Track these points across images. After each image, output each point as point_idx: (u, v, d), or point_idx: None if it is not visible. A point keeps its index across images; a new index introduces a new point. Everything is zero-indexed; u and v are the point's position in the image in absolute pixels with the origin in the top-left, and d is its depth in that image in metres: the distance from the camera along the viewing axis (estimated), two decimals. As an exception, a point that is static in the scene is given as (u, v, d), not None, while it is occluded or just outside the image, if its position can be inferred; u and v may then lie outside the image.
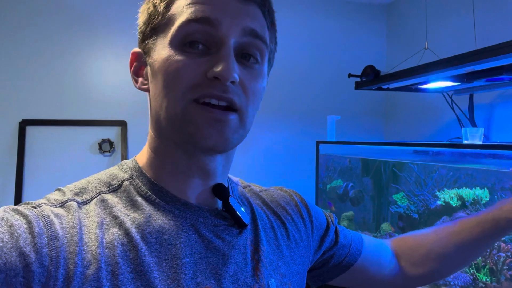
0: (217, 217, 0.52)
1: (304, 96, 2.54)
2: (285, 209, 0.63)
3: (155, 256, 0.46)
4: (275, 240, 0.57)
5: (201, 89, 0.46)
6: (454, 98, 2.03)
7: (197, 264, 0.48)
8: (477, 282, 1.19)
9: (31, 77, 2.18)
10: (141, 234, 0.46)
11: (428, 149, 1.62)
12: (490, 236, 0.71)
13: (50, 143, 2.22)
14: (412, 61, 1.90)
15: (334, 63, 2.56)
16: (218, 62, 0.45)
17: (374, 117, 2.66)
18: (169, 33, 0.48)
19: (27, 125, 2.20)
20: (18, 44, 2.15)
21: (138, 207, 0.49)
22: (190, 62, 0.46)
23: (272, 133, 2.48)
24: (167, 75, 0.47)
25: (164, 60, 0.47)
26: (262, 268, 0.52)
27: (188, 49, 0.47)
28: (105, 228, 0.45)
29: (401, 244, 0.75)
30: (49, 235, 0.42)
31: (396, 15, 2.65)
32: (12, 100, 2.17)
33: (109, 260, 0.43)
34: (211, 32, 0.46)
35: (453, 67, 1.45)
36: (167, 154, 0.51)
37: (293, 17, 2.53)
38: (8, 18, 2.14)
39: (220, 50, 0.46)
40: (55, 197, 0.47)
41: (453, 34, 2.14)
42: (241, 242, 0.52)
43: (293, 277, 0.58)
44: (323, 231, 0.67)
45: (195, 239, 0.49)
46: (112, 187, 0.50)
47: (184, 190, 0.51)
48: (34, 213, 0.43)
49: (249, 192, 0.63)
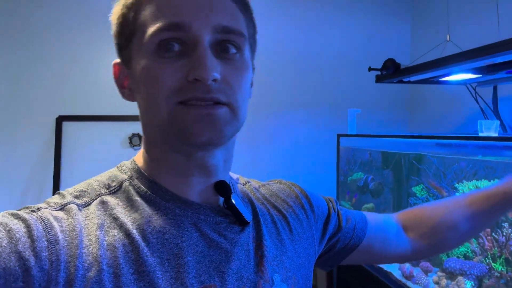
0: (218, 214, 0.52)
1: (327, 89, 2.56)
2: (286, 202, 0.63)
3: (157, 256, 0.45)
4: (278, 235, 0.57)
5: (185, 93, 0.46)
6: (478, 90, 2.01)
7: (200, 262, 0.47)
8: (493, 271, 1.20)
9: (67, 75, 2.30)
10: (142, 234, 0.46)
11: (449, 141, 1.63)
12: (500, 209, 0.73)
13: (84, 138, 2.34)
14: (435, 53, 1.89)
15: (358, 56, 2.56)
16: (195, 63, 0.45)
17: (398, 110, 2.65)
18: (143, 42, 0.47)
19: (63, 121, 2.34)
20: (56, 45, 2.29)
21: (138, 207, 0.48)
22: (169, 67, 0.46)
23: (294, 127, 2.52)
24: (148, 84, 0.47)
25: (142, 69, 0.47)
26: (266, 264, 0.52)
27: (165, 54, 0.46)
28: (105, 230, 0.45)
29: (410, 217, 0.76)
30: (49, 239, 0.41)
31: (421, 6, 2.62)
32: (49, 97, 2.30)
33: (111, 262, 0.43)
34: (184, 36, 0.46)
35: (473, 59, 1.45)
36: (164, 158, 0.51)
37: (317, 11, 2.54)
38: (44, 18, 2.28)
39: (196, 51, 0.45)
40: (54, 201, 0.47)
41: (476, 25, 2.11)
42: (243, 239, 0.52)
43: (298, 270, 0.58)
44: (326, 218, 0.67)
45: (197, 238, 0.49)
46: (111, 188, 0.50)
47: (184, 188, 0.51)
48: (33, 216, 0.43)
49: (248, 188, 0.62)
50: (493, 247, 1.22)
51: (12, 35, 2.23)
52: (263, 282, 0.50)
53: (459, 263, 1.30)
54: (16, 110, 2.26)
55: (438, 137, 1.66)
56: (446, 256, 1.39)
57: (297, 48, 2.52)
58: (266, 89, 2.45)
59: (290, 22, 2.51)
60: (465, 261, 1.31)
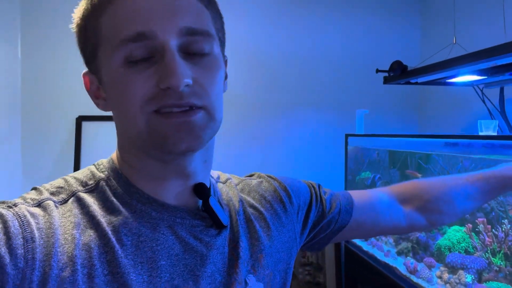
0: (195, 217, 0.51)
1: (336, 90, 2.61)
2: (264, 197, 0.62)
3: (131, 259, 0.45)
4: (254, 233, 0.57)
5: (158, 101, 0.45)
6: (485, 91, 2.04)
7: (174, 266, 0.47)
8: (492, 266, 1.25)
9: (86, 77, 2.42)
10: (117, 236, 0.45)
11: (454, 140, 1.67)
12: (496, 191, 0.78)
13: (102, 137, 2.44)
14: (443, 55, 1.93)
15: (367, 57, 2.59)
16: (165, 71, 0.44)
17: (407, 110, 2.69)
18: (108, 53, 0.46)
19: (83, 121, 2.44)
20: (75, 46, 2.40)
21: (114, 208, 0.48)
22: (139, 77, 0.44)
23: (304, 126, 2.57)
24: (120, 95, 0.46)
25: (113, 81, 0.47)
26: (241, 265, 0.52)
27: (132, 64, 0.45)
28: (81, 229, 0.44)
29: (407, 190, 0.76)
30: (25, 236, 0.41)
31: (430, 8, 2.65)
32: (69, 97, 2.39)
33: (85, 262, 0.42)
34: (149, 44, 0.44)
35: (477, 61, 1.49)
36: (140, 165, 0.50)
37: (327, 12, 2.59)
38: (63, 20, 2.39)
39: (164, 58, 0.44)
40: (31, 196, 0.46)
41: (483, 27, 2.14)
42: (219, 242, 0.52)
43: (276, 266, 0.57)
44: (308, 207, 0.66)
45: (172, 241, 0.48)
46: (88, 187, 0.49)
47: (161, 191, 0.50)
48: (9, 212, 0.42)
49: (229, 185, 0.62)
50: (492, 243, 1.26)
51: (38, 41, 2.35)
52: (237, 284, 0.50)
53: (461, 258, 1.35)
54: (40, 110, 2.37)
55: (443, 136, 1.70)
56: (448, 251, 1.44)
57: (306, 49, 2.58)
58: (276, 89, 2.51)
59: (300, 23, 2.57)
60: (466, 255, 1.36)
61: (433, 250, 1.56)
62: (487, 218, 1.31)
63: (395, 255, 1.77)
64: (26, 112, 2.36)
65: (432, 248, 1.56)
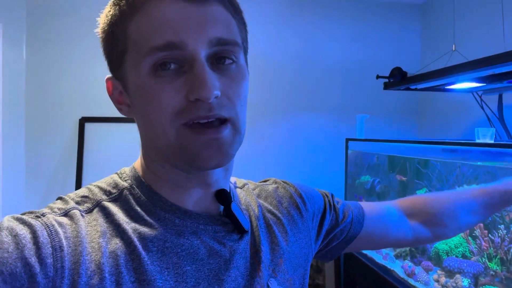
0: (217, 223, 0.52)
1: (336, 95, 2.64)
2: (281, 203, 0.63)
3: (157, 265, 0.45)
4: (274, 238, 0.57)
5: (188, 114, 0.45)
6: (484, 98, 2.07)
7: (199, 271, 0.47)
8: (488, 270, 1.28)
9: (90, 78, 2.42)
10: (143, 243, 0.46)
11: (452, 147, 1.70)
12: (498, 206, 0.80)
13: (105, 138, 2.45)
14: (443, 62, 1.96)
15: (369, 63, 2.62)
16: (195, 82, 0.44)
17: (407, 116, 2.71)
18: (136, 60, 0.46)
19: (86, 122, 2.46)
20: (79, 53, 2.43)
21: (138, 217, 0.48)
22: (168, 87, 0.45)
23: (305, 131, 2.60)
24: (148, 104, 0.46)
25: (140, 89, 0.46)
26: (263, 269, 0.52)
27: (161, 72, 0.45)
28: (107, 238, 0.45)
29: (413, 205, 0.78)
30: (54, 245, 0.41)
31: (430, 15, 2.69)
32: (73, 99, 2.41)
33: (113, 270, 0.43)
34: (180, 54, 0.44)
35: (475, 69, 1.51)
36: (165, 173, 0.51)
37: (330, 19, 2.62)
38: (69, 26, 2.42)
39: (194, 69, 0.44)
40: (58, 206, 0.47)
41: (483, 36, 2.17)
42: (242, 247, 0.52)
43: (295, 271, 0.58)
44: (321, 215, 0.67)
45: (197, 246, 0.49)
46: (112, 196, 0.50)
47: (184, 199, 0.51)
48: (38, 222, 0.43)
49: (246, 191, 0.62)
50: (489, 247, 1.29)
51: (42, 43, 2.38)
52: (259, 287, 0.51)
53: (458, 262, 1.38)
54: (44, 111, 2.40)
55: (441, 143, 1.73)
56: (446, 255, 1.47)
57: (308, 54, 2.61)
58: (278, 94, 2.54)
59: (302, 29, 2.60)
60: (463, 260, 1.39)
61: (430, 254, 1.58)
62: (484, 223, 1.34)
63: (393, 258, 1.80)
64: (30, 113, 2.39)
65: (430, 252, 1.59)
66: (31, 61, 2.37)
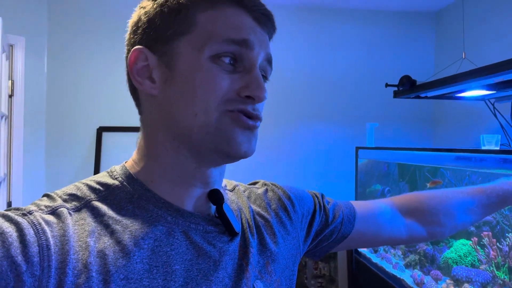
0: (208, 223, 0.52)
1: (347, 103, 2.65)
2: (270, 205, 0.64)
3: (146, 263, 0.45)
4: (262, 240, 0.58)
5: (235, 104, 0.48)
6: (496, 106, 2.05)
7: (188, 271, 0.47)
8: (496, 279, 1.26)
9: (108, 90, 2.51)
10: (134, 241, 0.46)
11: (464, 154, 1.68)
12: (496, 206, 0.80)
13: (121, 147, 2.53)
14: (453, 70, 1.95)
15: (379, 71, 2.62)
16: (252, 83, 0.48)
17: (420, 124, 2.70)
18: (201, 45, 0.48)
19: (103, 131, 2.55)
20: (96, 61, 2.52)
21: (129, 214, 0.48)
22: (226, 76, 0.48)
23: (315, 139, 2.62)
24: (201, 85, 0.47)
25: (196, 69, 0.48)
26: (251, 271, 0.53)
27: (219, 62, 0.48)
28: (96, 237, 0.45)
29: (409, 202, 0.78)
30: (40, 244, 0.41)
31: (444, 23, 2.68)
32: (91, 109, 2.50)
33: (100, 269, 0.43)
34: (245, 53, 0.49)
35: (484, 76, 1.51)
36: (175, 164, 0.51)
37: (340, 28, 2.65)
38: (87, 36, 2.52)
39: (252, 72, 0.49)
40: (45, 203, 0.46)
41: (492, 43, 2.15)
42: (232, 248, 0.53)
43: (282, 273, 0.58)
44: (311, 216, 0.68)
45: (186, 246, 0.49)
46: (101, 194, 0.49)
47: (178, 196, 0.51)
48: (25, 220, 0.42)
49: (236, 193, 0.63)
50: (497, 256, 1.27)
51: (63, 56, 2.48)
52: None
53: (466, 271, 1.36)
54: (64, 121, 2.50)
55: (450, 150, 1.72)
56: (455, 264, 1.45)
57: (319, 64, 2.63)
58: (289, 103, 2.57)
59: (312, 40, 2.63)
60: (471, 269, 1.37)
61: (439, 263, 1.57)
62: (493, 232, 1.32)
63: (403, 267, 1.78)
64: (50, 123, 2.49)
65: (439, 261, 1.57)
66: (52, 73, 2.48)
